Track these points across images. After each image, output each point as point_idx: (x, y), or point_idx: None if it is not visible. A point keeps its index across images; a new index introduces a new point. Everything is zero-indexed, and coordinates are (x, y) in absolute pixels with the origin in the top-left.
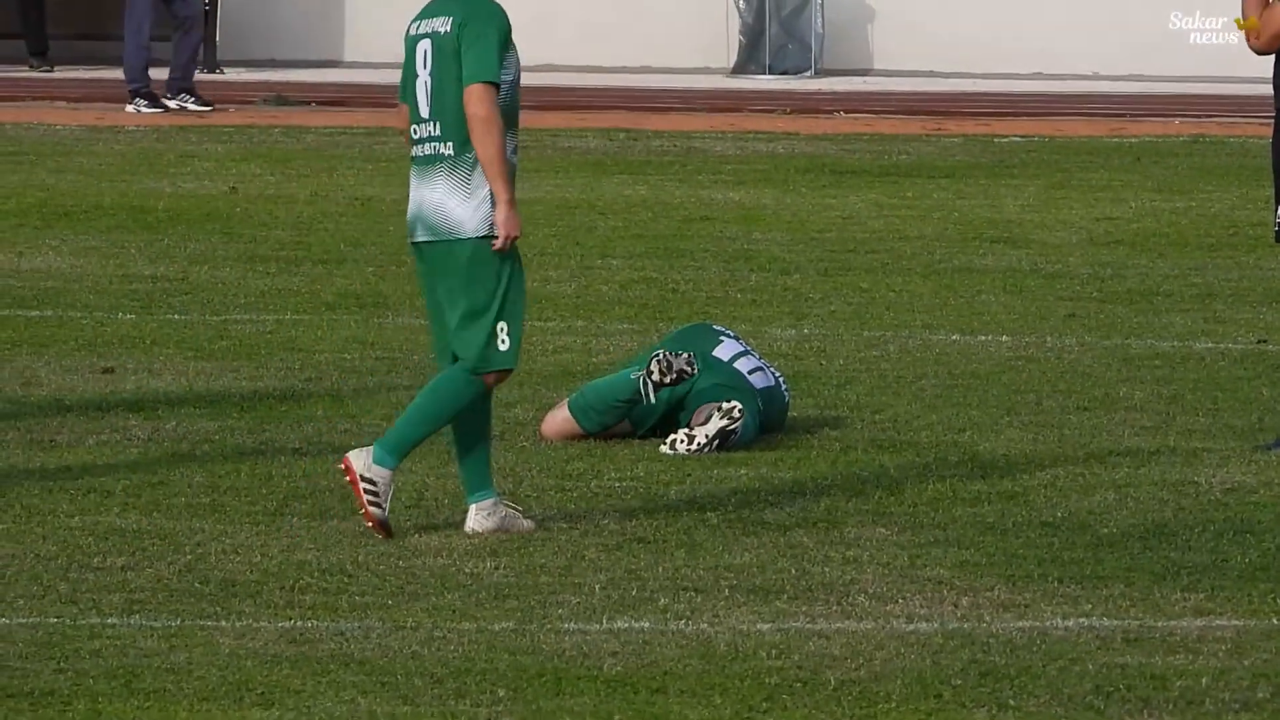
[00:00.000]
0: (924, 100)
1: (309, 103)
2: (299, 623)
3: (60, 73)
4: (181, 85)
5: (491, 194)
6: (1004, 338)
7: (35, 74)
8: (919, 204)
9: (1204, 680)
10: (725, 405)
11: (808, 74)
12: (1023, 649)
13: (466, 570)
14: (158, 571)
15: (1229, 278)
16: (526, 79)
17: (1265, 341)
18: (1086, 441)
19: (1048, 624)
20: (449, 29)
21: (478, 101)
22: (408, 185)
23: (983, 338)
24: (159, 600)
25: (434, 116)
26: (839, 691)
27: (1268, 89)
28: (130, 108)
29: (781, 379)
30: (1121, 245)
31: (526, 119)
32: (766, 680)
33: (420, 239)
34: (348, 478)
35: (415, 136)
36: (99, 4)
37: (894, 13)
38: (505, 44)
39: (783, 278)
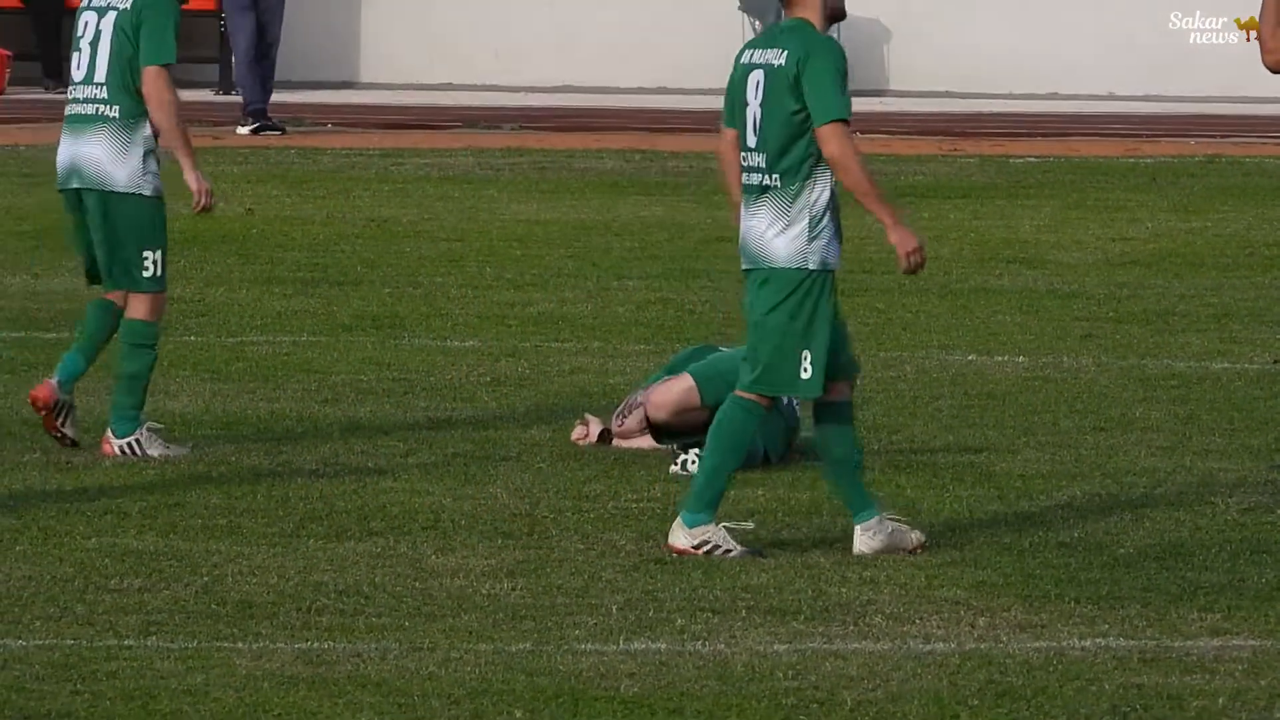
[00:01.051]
0: (940, 121)
1: (325, 124)
2: (315, 644)
3: None
4: (255, 109)
5: (809, 228)
6: (1020, 358)
7: (51, 95)
8: (935, 225)
9: (1221, 700)
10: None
11: None
12: (1040, 669)
13: (483, 591)
14: (174, 593)
15: (1245, 298)
16: (543, 100)
17: None
18: (1103, 462)
19: (1065, 644)
20: (784, 63)
21: (828, 141)
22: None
23: (999, 358)
24: (176, 622)
25: (760, 148)
26: (856, 712)
27: None
28: (243, 129)
29: (795, 402)
30: (1137, 265)
31: (541, 139)
32: (783, 701)
33: (745, 266)
34: (683, 556)
35: (745, 164)
36: None
37: (910, 33)
38: (846, 78)
39: None
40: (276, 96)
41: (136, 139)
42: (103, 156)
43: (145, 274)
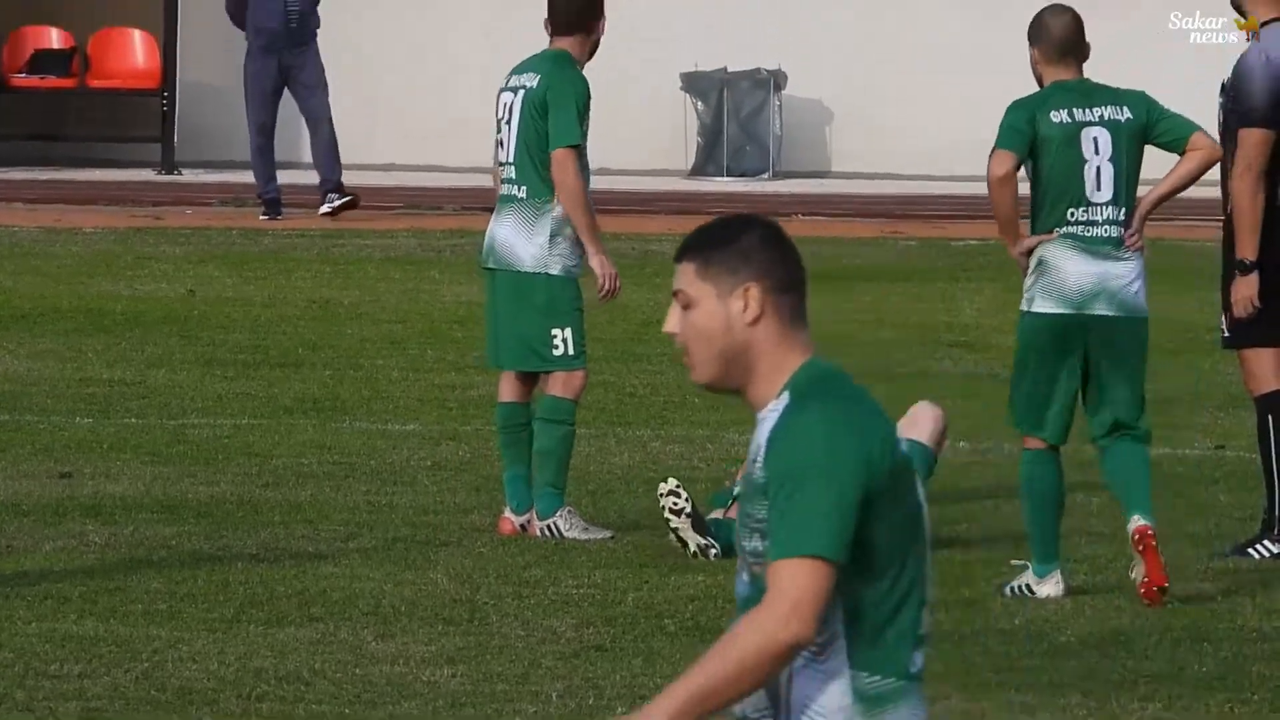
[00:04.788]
0: (881, 203)
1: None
2: None
3: (16, 174)
4: (327, 187)
5: None
6: (961, 443)
7: None
8: (875, 308)
9: None
10: (704, 547)
11: (765, 176)
12: None
13: (423, 678)
14: (114, 679)
15: (1187, 382)
16: (485, 180)
17: (1223, 447)
18: None
19: None
20: None
21: None
22: None
23: None
24: (116, 708)
25: None
26: None
27: (1219, 192)
28: (262, 215)
29: None
30: None
31: (483, 220)
32: None
33: None
34: None
35: None
36: (55, 105)
37: (852, 115)
38: None
39: None
40: (218, 175)
41: (544, 219)
42: (510, 237)
43: (555, 352)
